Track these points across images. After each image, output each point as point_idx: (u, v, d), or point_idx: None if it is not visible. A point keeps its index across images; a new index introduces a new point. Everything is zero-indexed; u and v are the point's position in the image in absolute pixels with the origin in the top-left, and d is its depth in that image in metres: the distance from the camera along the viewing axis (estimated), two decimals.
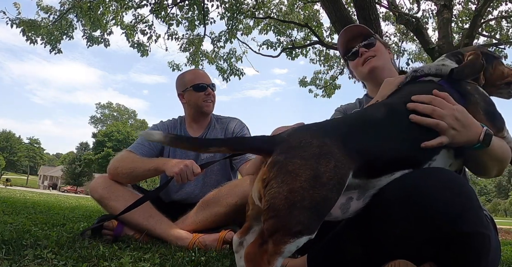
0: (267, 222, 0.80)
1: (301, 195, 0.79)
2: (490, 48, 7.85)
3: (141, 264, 1.12)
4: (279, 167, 0.83)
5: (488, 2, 5.39)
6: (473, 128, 1.01)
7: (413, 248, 0.89)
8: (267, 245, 0.79)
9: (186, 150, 2.01)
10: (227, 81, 8.11)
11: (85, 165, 44.18)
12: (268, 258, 0.78)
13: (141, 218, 1.66)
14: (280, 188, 0.80)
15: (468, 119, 1.01)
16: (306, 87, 9.81)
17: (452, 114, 1.00)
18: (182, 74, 2.19)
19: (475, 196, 0.89)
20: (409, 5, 7.83)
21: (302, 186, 0.80)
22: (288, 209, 0.78)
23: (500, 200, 68.15)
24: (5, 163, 63.17)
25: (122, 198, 1.71)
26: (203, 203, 1.71)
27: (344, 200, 0.94)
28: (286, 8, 8.23)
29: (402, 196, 0.89)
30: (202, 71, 2.20)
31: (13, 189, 17.27)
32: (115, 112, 69.56)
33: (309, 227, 0.79)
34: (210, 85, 2.08)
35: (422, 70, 1.20)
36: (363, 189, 0.95)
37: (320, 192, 0.80)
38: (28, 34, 6.48)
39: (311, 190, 0.80)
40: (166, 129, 2.10)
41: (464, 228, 0.83)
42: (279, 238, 0.78)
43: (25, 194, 8.46)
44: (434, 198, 0.85)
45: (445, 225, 0.84)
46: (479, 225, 0.85)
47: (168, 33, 7.49)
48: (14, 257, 1.06)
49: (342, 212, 0.94)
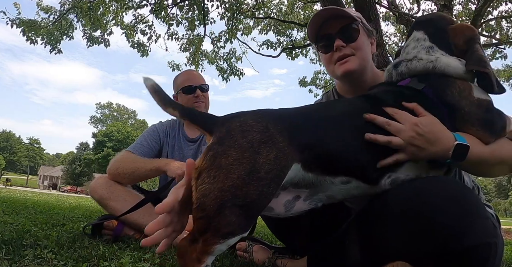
0: (197, 222, 0.76)
1: (232, 193, 0.73)
2: (490, 48, 7.88)
3: (141, 264, 1.12)
4: (213, 158, 0.77)
5: (488, 2, 5.38)
6: (440, 143, 0.91)
7: (415, 257, 0.86)
8: (197, 243, 0.76)
9: (184, 151, 2.04)
10: (227, 81, 8.11)
11: (85, 165, 44.15)
12: (198, 256, 0.75)
13: (141, 218, 1.66)
14: (211, 184, 0.74)
15: (434, 133, 0.92)
16: (306, 87, 9.84)
17: (412, 129, 0.91)
18: (176, 76, 2.19)
19: (481, 204, 0.85)
20: (409, 5, 7.85)
21: (235, 184, 0.74)
22: (218, 210, 0.73)
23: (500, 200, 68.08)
24: (5, 163, 63.12)
25: (122, 198, 1.71)
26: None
27: (291, 197, 0.90)
28: (286, 8, 8.23)
29: (406, 207, 0.86)
30: (195, 72, 2.20)
31: (13, 189, 17.26)
32: (115, 112, 69.53)
33: (241, 226, 0.75)
34: (200, 86, 2.06)
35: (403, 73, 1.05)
36: (314, 189, 0.90)
37: (256, 188, 0.74)
38: (28, 34, 6.48)
39: (245, 187, 0.74)
40: (165, 130, 2.11)
41: (471, 242, 0.79)
42: (209, 238, 0.74)
43: (25, 194, 8.46)
44: (439, 211, 0.81)
45: (450, 240, 0.79)
46: (485, 236, 0.80)
47: (168, 33, 7.49)
48: (14, 257, 1.06)
49: (285, 209, 0.90)
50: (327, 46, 1.27)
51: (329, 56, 1.28)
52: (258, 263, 1.29)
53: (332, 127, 0.92)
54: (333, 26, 1.24)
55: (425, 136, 0.91)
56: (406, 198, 0.87)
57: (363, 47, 1.26)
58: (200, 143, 2.07)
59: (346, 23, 1.24)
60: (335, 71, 1.27)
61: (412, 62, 1.05)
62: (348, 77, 1.27)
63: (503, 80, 8.83)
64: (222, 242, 0.74)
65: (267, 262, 1.28)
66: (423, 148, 0.91)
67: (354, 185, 0.91)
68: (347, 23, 1.24)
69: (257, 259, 1.31)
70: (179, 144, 2.08)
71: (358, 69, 1.25)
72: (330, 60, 1.28)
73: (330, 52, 1.27)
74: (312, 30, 1.29)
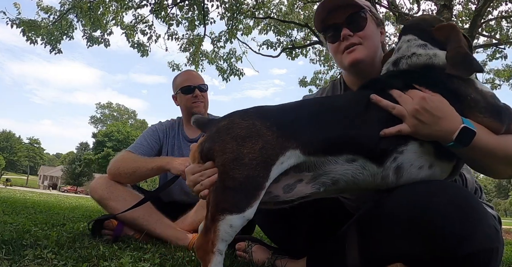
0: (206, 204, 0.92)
1: (221, 177, 0.88)
2: (490, 48, 7.88)
3: (141, 264, 1.12)
4: (201, 154, 0.95)
5: (488, 2, 5.38)
6: (447, 122, 0.88)
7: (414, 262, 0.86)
8: (209, 233, 0.87)
9: (183, 151, 2.05)
10: (227, 81, 8.11)
11: (85, 165, 44.12)
12: (210, 242, 0.85)
13: (140, 217, 1.66)
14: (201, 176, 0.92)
15: (442, 111, 0.89)
16: (306, 87, 9.83)
17: (419, 103, 0.90)
18: (175, 76, 2.20)
19: (484, 210, 0.85)
20: (409, 5, 7.84)
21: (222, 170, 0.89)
22: (214, 192, 0.89)
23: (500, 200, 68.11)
24: (5, 163, 63.11)
25: (122, 198, 1.71)
26: (203, 202, 1.71)
27: (292, 181, 0.94)
28: (286, 8, 8.23)
29: (407, 212, 0.86)
30: (194, 72, 2.21)
31: (13, 189, 17.26)
32: (115, 112, 69.52)
33: (236, 205, 0.85)
34: (199, 86, 2.06)
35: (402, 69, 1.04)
36: (317, 172, 0.92)
37: (241, 172, 0.87)
38: (28, 34, 6.48)
39: (231, 171, 0.87)
40: (165, 130, 2.12)
41: (473, 248, 0.78)
42: (211, 216, 0.87)
43: (25, 194, 8.46)
44: (441, 216, 0.80)
45: (451, 246, 0.79)
46: (487, 242, 0.80)
47: (168, 33, 7.49)
48: (14, 257, 1.06)
49: (284, 191, 0.95)
50: (334, 36, 1.23)
51: (336, 45, 1.24)
52: (257, 263, 1.29)
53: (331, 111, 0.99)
54: (340, 15, 1.21)
55: (431, 111, 0.89)
56: (407, 202, 0.87)
57: (371, 36, 1.22)
58: None
59: (353, 11, 1.20)
60: (343, 60, 1.24)
61: (412, 58, 1.04)
62: (355, 66, 1.23)
63: (503, 80, 8.83)
64: (223, 219, 0.84)
65: (266, 262, 1.28)
66: (427, 124, 0.89)
67: (359, 164, 0.92)
68: (354, 12, 1.20)
69: (257, 259, 1.31)
70: (178, 143, 2.09)
71: (366, 59, 1.21)
72: (337, 50, 1.24)
73: (337, 41, 1.23)
74: (319, 20, 1.25)
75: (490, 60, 8.36)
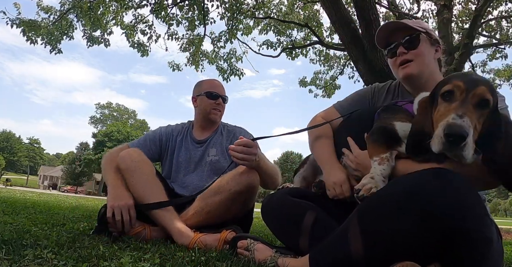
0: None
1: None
2: (490, 48, 7.88)
3: (141, 264, 1.11)
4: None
5: (488, 2, 5.38)
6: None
7: (417, 246, 0.89)
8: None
9: (191, 153, 2.10)
10: (227, 81, 8.12)
11: (85, 165, 44.13)
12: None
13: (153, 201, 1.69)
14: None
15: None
16: (306, 87, 9.83)
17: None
18: (201, 81, 2.27)
19: (481, 199, 0.90)
20: (409, 5, 7.85)
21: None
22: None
23: (500, 200, 68.10)
24: (5, 163, 63.11)
25: (145, 179, 1.73)
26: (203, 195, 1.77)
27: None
28: (286, 8, 8.23)
29: (408, 194, 0.90)
30: (220, 83, 2.28)
31: (13, 189, 17.26)
32: (115, 112, 69.43)
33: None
34: (223, 96, 2.18)
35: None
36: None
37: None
38: (28, 34, 6.48)
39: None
40: (170, 133, 2.17)
41: (470, 225, 0.84)
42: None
43: (25, 194, 8.45)
44: (440, 197, 0.86)
45: (450, 223, 0.84)
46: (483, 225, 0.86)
47: (168, 33, 7.49)
48: (14, 257, 1.06)
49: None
50: (393, 52, 1.49)
51: (394, 60, 1.49)
52: (259, 261, 1.29)
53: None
54: (398, 36, 1.46)
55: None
56: (409, 184, 0.92)
57: (423, 54, 1.43)
58: (207, 144, 2.13)
59: (409, 33, 1.44)
60: (398, 73, 1.48)
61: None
62: (408, 80, 1.46)
63: (503, 80, 8.83)
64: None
65: (269, 261, 1.27)
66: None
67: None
68: (410, 34, 1.44)
69: (259, 257, 1.31)
70: (186, 145, 2.13)
71: (417, 74, 1.42)
72: (394, 64, 1.49)
73: (394, 57, 1.48)
74: (381, 39, 1.52)
75: (490, 60, 8.38)
